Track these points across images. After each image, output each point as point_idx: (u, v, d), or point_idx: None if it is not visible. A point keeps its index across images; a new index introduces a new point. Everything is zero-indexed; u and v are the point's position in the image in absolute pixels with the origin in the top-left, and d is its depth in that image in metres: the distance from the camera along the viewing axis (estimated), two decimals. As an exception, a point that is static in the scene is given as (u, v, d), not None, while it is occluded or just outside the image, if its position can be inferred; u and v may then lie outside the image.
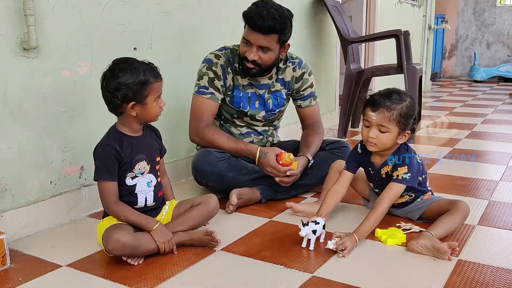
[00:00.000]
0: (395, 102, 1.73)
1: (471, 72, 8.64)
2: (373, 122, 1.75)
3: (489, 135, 3.79)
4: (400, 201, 1.92)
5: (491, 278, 1.49)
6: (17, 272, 1.56)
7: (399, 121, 1.73)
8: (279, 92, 2.30)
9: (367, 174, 1.94)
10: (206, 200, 1.83)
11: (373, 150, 1.81)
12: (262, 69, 2.15)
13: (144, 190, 1.70)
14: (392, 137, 1.75)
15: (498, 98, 6.20)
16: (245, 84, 2.24)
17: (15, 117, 1.78)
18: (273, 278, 1.51)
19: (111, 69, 1.61)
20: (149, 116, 1.67)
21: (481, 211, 2.07)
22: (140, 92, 1.59)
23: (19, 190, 1.83)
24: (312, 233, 1.68)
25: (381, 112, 1.73)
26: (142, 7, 2.23)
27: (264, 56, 2.09)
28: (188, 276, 1.52)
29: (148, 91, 1.61)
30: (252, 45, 2.07)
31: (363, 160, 1.89)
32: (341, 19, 3.93)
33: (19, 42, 1.75)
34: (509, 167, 2.79)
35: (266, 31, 2.02)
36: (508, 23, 8.98)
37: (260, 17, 2.00)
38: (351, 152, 1.93)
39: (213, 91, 2.18)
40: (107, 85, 1.60)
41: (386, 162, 1.82)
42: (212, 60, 2.19)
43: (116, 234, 1.55)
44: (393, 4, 5.63)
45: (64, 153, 1.97)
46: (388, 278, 1.50)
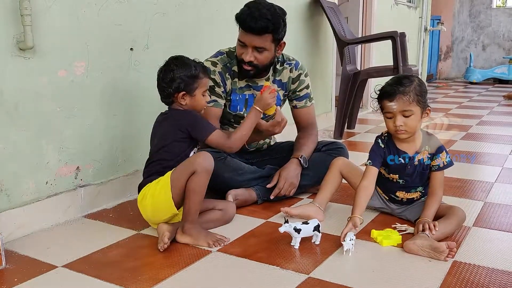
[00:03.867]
0: (407, 85, 1.78)
1: (466, 74, 8.67)
2: (395, 112, 1.78)
3: (484, 136, 3.80)
4: (409, 197, 1.94)
5: (486, 279, 1.49)
6: (12, 272, 1.56)
7: (418, 101, 1.78)
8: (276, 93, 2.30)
9: (395, 168, 1.90)
10: (227, 208, 1.96)
11: (405, 137, 1.83)
12: (259, 69, 2.15)
13: None
14: (418, 118, 1.80)
15: (494, 100, 6.22)
16: (242, 86, 2.24)
17: (11, 117, 1.78)
18: (269, 279, 1.51)
19: (167, 63, 1.86)
20: (197, 106, 1.88)
21: (477, 212, 2.07)
22: (191, 84, 1.83)
23: (14, 191, 1.82)
24: (295, 231, 1.69)
25: (399, 99, 1.77)
26: (138, 7, 2.23)
27: (260, 56, 2.10)
28: (184, 277, 1.52)
29: (197, 84, 1.84)
30: (247, 46, 2.07)
31: (391, 152, 1.89)
32: (338, 20, 3.94)
33: (15, 42, 1.75)
34: (505, 168, 2.80)
35: (259, 31, 2.03)
36: (504, 25, 9.02)
37: (252, 19, 2.00)
38: (374, 148, 1.91)
39: (215, 98, 2.18)
40: (164, 76, 1.84)
41: (419, 149, 1.86)
42: (210, 68, 2.18)
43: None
44: (389, 6, 5.65)
45: (60, 153, 1.97)
46: (383, 279, 1.50)
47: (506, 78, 8.37)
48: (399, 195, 1.95)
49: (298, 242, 1.72)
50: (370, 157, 1.90)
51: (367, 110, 5.15)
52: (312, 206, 1.99)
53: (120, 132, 2.22)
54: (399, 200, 1.96)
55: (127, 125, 2.25)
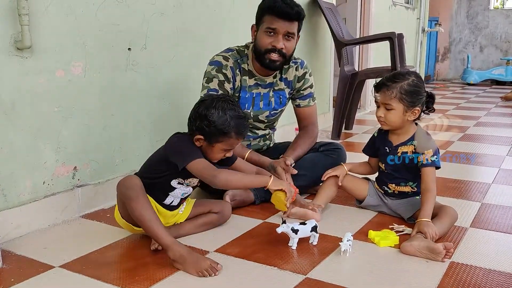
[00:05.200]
0: (396, 81, 1.85)
1: (464, 75, 8.69)
2: (379, 102, 1.90)
3: (481, 137, 3.81)
4: (401, 190, 1.99)
5: (483, 280, 1.50)
6: (9, 273, 1.55)
7: (401, 98, 1.84)
8: (282, 91, 2.31)
9: (382, 155, 2.01)
10: (223, 211, 1.92)
11: (385, 128, 1.96)
12: (286, 59, 2.17)
13: (176, 196, 1.78)
14: (398, 114, 1.87)
15: (491, 101, 6.23)
16: (251, 85, 2.24)
17: (8, 117, 1.77)
18: (266, 280, 1.51)
19: (214, 99, 1.68)
20: (209, 155, 1.71)
21: (474, 213, 2.08)
22: (215, 136, 1.65)
23: (11, 190, 1.82)
24: (292, 232, 1.69)
25: (383, 92, 1.87)
26: (136, 7, 2.23)
27: (288, 44, 2.13)
28: (181, 278, 1.51)
29: (222, 140, 1.67)
30: (278, 33, 2.09)
31: (380, 141, 2.02)
32: (336, 21, 3.94)
33: (12, 42, 1.74)
34: (502, 169, 2.81)
35: (294, 17, 2.09)
36: (501, 27, 9.04)
37: (286, 5, 2.07)
38: (368, 140, 2.10)
39: (223, 93, 2.17)
40: (199, 108, 1.67)
41: (405, 142, 1.94)
42: (222, 62, 2.17)
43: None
44: (387, 7, 5.66)
45: (58, 153, 1.97)
46: (380, 280, 1.51)
47: (503, 80, 8.39)
48: (391, 187, 2.01)
49: (296, 242, 1.72)
50: (364, 149, 2.13)
51: (364, 110, 5.16)
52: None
53: (117, 132, 2.21)
54: (392, 193, 2.01)
55: (124, 125, 2.25)
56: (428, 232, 1.69)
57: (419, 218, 1.77)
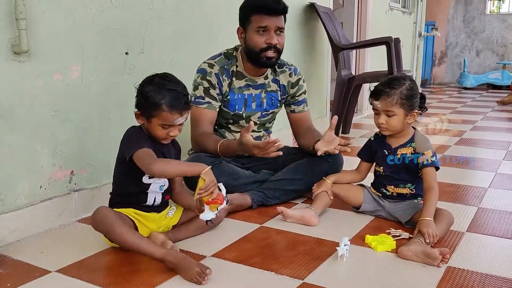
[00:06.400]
0: (394, 88, 1.88)
1: (460, 79, 8.72)
2: (379, 110, 1.91)
3: (478, 142, 3.82)
4: (400, 192, 1.99)
5: (480, 285, 1.50)
6: (5, 277, 1.55)
7: (402, 103, 1.87)
8: (274, 92, 2.32)
9: (380, 158, 2.02)
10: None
11: (386, 134, 1.96)
12: (279, 54, 2.20)
13: (155, 191, 1.78)
14: (400, 119, 1.90)
15: (487, 105, 6.26)
16: (242, 86, 2.25)
17: (5, 121, 1.77)
18: (264, 284, 1.51)
19: (153, 76, 1.70)
20: (153, 134, 1.72)
21: (470, 218, 2.08)
22: (149, 109, 1.67)
23: (8, 195, 1.81)
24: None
25: (383, 100, 1.89)
26: (134, 11, 2.23)
27: (280, 39, 2.17)
28: (178, 283, 1.51)
29: (155, 113, 1.66)
30: (270, 30, 2.12)
31: (377, 145, 2.03)
32: (333, 25, 3.96)
33: (10, 46, 1.74)
34: (498, 174, 2.81)
35: (281, 12, 2.13)
36: (497, 31, 9.09)
37: (273, 1, 2.10)
38: (364, 145, 2.11)
39: (209, 100, 2.18)
40: (140, 85, 1.71)
41: (404, 144, 1.95)
42: (206, 69, 2.19)
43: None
44: (384, 11, 5.68)
45: (55, 157, 1.96)
46: (377, 285, 1.51)
47: (499, 84, 8.42)
48: (389, 189, 2.01)
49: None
50: (358, 153, 2.13)
51: (361, 114, 5.17)
52: (309, 210, 2.00)
53: (114, 136, 2.21)
54: (390, 195, 2.01)
55: (121, 129, 2.23)
56: (429, 232, 1.69)
57: (421, 217, 1.78)
